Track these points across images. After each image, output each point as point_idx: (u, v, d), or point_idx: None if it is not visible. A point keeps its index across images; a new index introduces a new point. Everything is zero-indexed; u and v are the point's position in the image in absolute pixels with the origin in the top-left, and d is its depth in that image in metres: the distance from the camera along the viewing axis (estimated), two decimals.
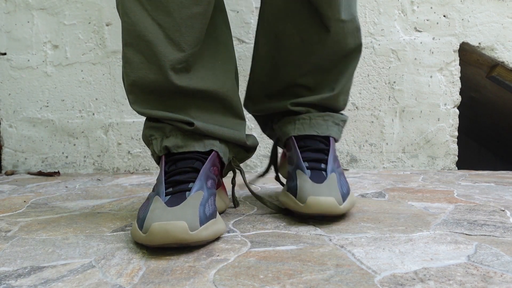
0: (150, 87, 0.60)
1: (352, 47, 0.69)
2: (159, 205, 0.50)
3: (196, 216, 0.49)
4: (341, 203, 0.58)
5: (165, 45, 0.58)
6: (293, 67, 0.70)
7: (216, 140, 0.63)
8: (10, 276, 0.42)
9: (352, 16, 0.67)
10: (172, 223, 0.46)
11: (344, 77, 0.72)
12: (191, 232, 0.46)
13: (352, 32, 0.67)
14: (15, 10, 1.35)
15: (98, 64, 1.33)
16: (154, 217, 0.48)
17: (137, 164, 1.33)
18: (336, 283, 0.38)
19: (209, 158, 0.60)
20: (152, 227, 0.46)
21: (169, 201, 0.52)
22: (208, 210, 0.52)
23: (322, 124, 0.70)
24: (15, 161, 1.37)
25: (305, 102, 0.71)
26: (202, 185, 0.55)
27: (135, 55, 0.59)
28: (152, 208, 0.50)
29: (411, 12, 1.26)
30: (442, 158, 1.26)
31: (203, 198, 0.53)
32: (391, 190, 0.86)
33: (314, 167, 0.64)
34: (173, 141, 0.61)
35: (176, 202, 0.51)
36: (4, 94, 1.37)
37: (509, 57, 1.24)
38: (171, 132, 0.62)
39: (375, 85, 1.26)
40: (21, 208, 0.76)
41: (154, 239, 0.46)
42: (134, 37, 0.59)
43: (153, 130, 0.64)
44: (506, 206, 0.68)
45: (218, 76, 0.64)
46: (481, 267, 0.41)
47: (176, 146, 0.61)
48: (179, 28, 0.58)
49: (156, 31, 0.58)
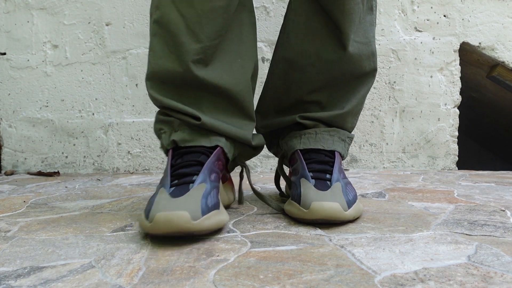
0: (167, 76, 0.63)
1: (367, 70, 0.71)
2: (164, 196, 0.53)
3: (198, 206, 0.51)
4: (346, 209, 0.57)
5: (185, 36, 0.61)
6: (306, 84, 0.71)
7: (222, 136, 0.64)
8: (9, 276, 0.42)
9: (367, 40, 0.69)
10: (175, 213, 0.48)
11: (355, 98, 0.72)
12: (193, 222, 0.48)
13: (367, 55, 0.69)
14: (14, 10, 1.35)
15: (98, 64, 1.33)
16: (159, 207, 0.50)
17: (137, 164, 1.33)
18: (336, 283, 0.38)
19: (214, 153, 0.62)
20: (157, 217, 0.48)
21: (173, 193, 0.54)
22: (210, 202, 0.54)
23: (328, 139, 0.70)
24: (15, 161, 1.37)
25: (314, 117, 0.71)
26: (205, 178, 0.57)
27: (159, 44, 0.63)
28: (157, 199, 0.52)
29: (411, 12, 1.25)
30: (442, 158, 1.26)
31: (205, 190, 0.55)
32: (391, 190, 0.86)
33: (318, 177, 0.63)
34: (180, 135, 0.63)
35: (180, 194, 0.53)
36: (4, 94, 1.37)
37: (509, 57, 1.24)
38: (179, 126, 0.64)
39: (375, 85, 1.26)
40: (20, 208, 0.76)
41: (159, 228, 0.48)
42: (160, 27, 0.62)
43: (162, 123, 0.66)
44: (506, 206, 0.68)
45: (235, 74, 0.65)
46: (482, 267, 0.41)
47: (183, 140, 0.63)
48: (199, 20, 0.61)
49: (179, 22, 0.61)
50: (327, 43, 0.67)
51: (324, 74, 0.69)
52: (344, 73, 0.69)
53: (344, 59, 0.67)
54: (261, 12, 1.28)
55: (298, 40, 0.69)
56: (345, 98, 0.72)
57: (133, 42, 1.31)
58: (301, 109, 0.73)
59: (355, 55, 0.67)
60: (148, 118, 1.32)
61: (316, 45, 0.68)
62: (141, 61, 1.31)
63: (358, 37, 0.67)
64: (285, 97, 0.74)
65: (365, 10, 0.68)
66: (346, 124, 0.73)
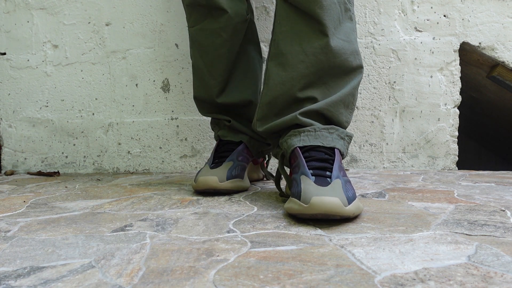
0: (204, 101, 0.97)
1: (353, 65, 0.77)
2: (205, 168, 0.87)
3: (224, 174, 0.83)
4: (346, 205, 0.57)
5: (206, 75, 0.93)
6: (298, 81, 0.75)
7: (247, 135, 0.94)
8: (9, 276, 0.42)
9: (349, 39, 0.76)
10: (209, 177, 0.82)
11: (346, 89, 0.76)
12: (219, 182, 0.82)
13: (351, 51, 0.76)
14: (14, 10, 1.35)
15: (97, 64, 1.33)
16: (201, 173, 0.85)
17: (137, 164, 1.33)
18: (336, 283, 0.38)
19: (240, 146, 0.92)
20: (198, 180, 0.83)
21: (212, 166, 0.86)
22: (235, 172, 0.86)
23: (327, 136, 0.72)
24: (15, 161, 1.37)
25: (312, 109, 0.74)
26: (233, 158, 0.88)
27: (195, 80, 0.97)
28: (201, 172, 0.86)
29: (411, 12, 1.25)
30: (442, 158, 1.26)
31: (232, 165, 0.87)
32: (391, 190, 0.86)
33: (318, 174, 0.65)
34: (221, 132, 0.96)
35: (216, 167, 0.86)
36: (4, 94, 1.37)
37: (509, 57, 1.24)
38: (222, 126, 0.97)
39: (375, 85, 1.26)
40: (20, 208, 0.76)
41: (198, 187, 0.83)
42: (194, 70, 0.96)
43: (214, 124, 1.00)
44: (506, 206, 0.68)
45: (246, 92, 0.95)
46: (482, 267, 0.41)
47: (223, 135, 0.95)
48: (212, 64, 0.92)
49: (203, 67, 0.93)
50: (312, 37, 0.74)
51: (313, 67, 0.74)
52: (331, 67, 0.74)
53: (328, 48, 0.73)
54: (261, 12, 1.28)
55: (286, 44, 0.76)
56: (337, 90, 0.76)
57: (133, 42, 1.31)
58: (298, 108, 0.76)
59: (338, 48, 0.74)
60: (148, 118, 1.32)
61: (302, 44, 0.74)
62: (141, 61, 1.31)
63: (340, 35, 0.75)
64: (280, 99, 0.77)
65: (343, 14, 0.75)
66: (340, 116, 0.76)
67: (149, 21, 1.31)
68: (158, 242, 0.52)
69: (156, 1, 1.30)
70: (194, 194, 0.85)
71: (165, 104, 1.31)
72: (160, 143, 1.32)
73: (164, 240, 0.53)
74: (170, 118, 1.32)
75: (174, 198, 0.82)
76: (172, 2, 1.29)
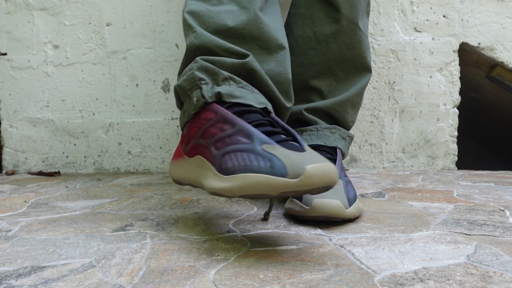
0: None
1: (366, 61, 0.76)
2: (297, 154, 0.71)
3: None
4: (347, 207, 0.57)
5: None
6: (308, 68, 0.74)
7: None
8: (10, 276, 0.42)
9: (366, 34, 0.75)
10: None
11: (354, 87, 0.76)
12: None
13: (366, 48, 0.75)
14: (15, 11, 1.35)
15: (98, 64, 1.33)
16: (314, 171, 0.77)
17: (138, 164, 1.33)
18: (336, 283, 0.38)
19: None
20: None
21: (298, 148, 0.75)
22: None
23: (330, 135, 0.73)
24: (16, 161, 1.38)
25: (318, 107, 0.74)
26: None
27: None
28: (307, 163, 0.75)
29: (411, 12, 1.26)
30: (441, 158, 1.26)
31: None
32: (391, 190, 0.87)
33: None
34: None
35: (301, 148, 0.64)
36: (5, 94, 1.37)
37: (508, 57, 1.24)
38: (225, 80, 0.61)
39: (375, 85, 1.26)
40: (21, 208, 0.76)
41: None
42: None
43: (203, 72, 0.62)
44: (505, 206, 0.68)
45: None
46: (481, 266, 0.41)
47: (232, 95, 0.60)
48: None
49: None
50: (324, 22, 0.73)
51: (324, 55, 0.73)
52: (343, 59, 0.74)
53: (339, 36, 0.72)
54: None
55: (298, 27, 0.74)
56: (345, 88, 0.76)
57: (134, 43, 1.31)
58: (305, 99, 0.75)
59: (350, 34, 0.73)
60: (148, 118, 1.33)
61: (314, 27, 0.73)
62: (141, 61, 1.32)
63: (363, 26, 0.74)
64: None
65: (365, 8, 0.74)
66: (346, 115, 0.75)
67: (149, 22, 1.31)
68: (158, 242, 0.52)
69: (156, 2, 1.30)
70: (194, 194, 0.85)
71: (165, 104, 1.32)
72: (160, 143, 1.33)
73: (164, 239, 0.53)
74: (170, 118, 1.32)
75: (174, 198, 0.82)
76: (172, 2, 1.30)
